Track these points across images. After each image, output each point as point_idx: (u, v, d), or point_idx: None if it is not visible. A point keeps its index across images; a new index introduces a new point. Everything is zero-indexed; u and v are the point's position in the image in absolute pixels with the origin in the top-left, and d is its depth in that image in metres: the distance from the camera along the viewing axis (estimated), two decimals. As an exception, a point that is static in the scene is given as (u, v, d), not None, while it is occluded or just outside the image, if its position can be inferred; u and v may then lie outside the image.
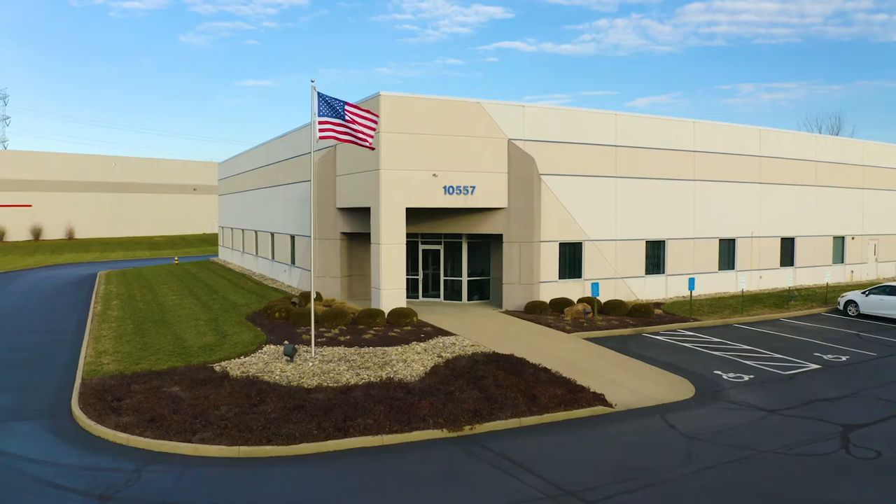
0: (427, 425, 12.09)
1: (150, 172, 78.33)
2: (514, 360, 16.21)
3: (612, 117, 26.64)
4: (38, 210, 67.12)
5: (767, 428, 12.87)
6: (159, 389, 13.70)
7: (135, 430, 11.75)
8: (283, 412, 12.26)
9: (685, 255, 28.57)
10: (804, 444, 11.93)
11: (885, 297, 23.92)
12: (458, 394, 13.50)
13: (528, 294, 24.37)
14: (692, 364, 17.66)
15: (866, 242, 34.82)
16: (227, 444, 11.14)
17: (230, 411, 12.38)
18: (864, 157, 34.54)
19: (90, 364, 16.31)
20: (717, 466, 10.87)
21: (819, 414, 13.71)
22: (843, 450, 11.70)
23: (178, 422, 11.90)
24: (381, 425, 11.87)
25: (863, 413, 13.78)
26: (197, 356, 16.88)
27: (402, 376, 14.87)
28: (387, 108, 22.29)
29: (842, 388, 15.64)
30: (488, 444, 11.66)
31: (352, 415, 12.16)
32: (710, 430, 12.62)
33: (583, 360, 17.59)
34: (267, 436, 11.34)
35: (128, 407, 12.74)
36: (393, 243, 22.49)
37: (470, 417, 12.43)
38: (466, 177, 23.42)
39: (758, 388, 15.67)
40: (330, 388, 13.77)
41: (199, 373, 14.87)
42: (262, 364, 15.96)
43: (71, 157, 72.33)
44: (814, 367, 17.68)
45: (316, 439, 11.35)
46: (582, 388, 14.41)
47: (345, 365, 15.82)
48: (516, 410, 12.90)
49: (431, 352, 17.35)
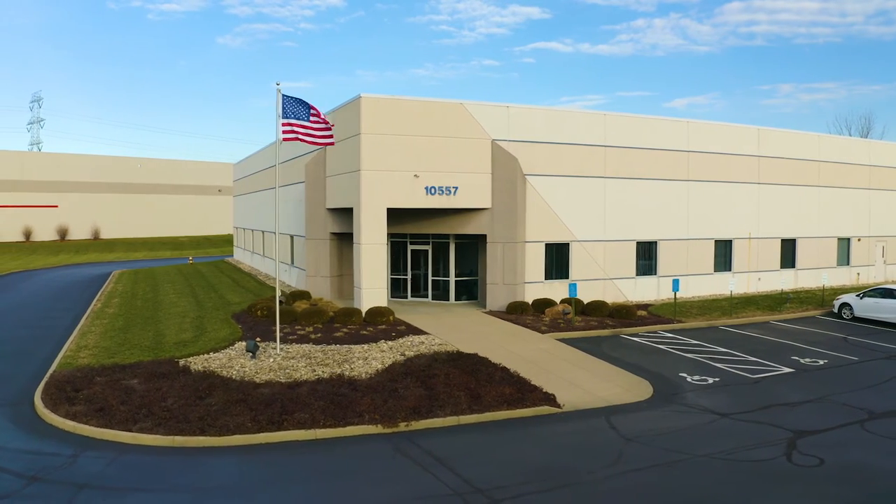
0: (363, 421, 12.28)
1: (176, 173, 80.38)
2: (475, 360, 16.27)
3: (601, 117, 26.44)
4: (65, 211, 69.57)
5: (713, 432, 12.66)
6: (118, 382, 14.20)
7: (83, 418, 12.24)
8: (225, 405, 12.60)
9: (678, 256, 28.15)
10: (745, 449, 11.69)
11: (880, 300, 23.19)
12: (402, 391, 13.66)
13: (511, 294, 24.36)
14: (660, 366, 17.45)
15: (874, 244, 33.72)
16: (163, 434, 11.53)
17: (175, 403, 12.77)
18: (872, 156, 33.48)
19: (67, 357, 16.95)
20: (643, 469, 10.77)
21: (773, 419, 13.41)
22: (784, 456, 11.41)
23: (123, 412, 12.35)
24: (315, 420, 12.11)
25: (821, 419, 13.43)
26: (169, 351, 17.39)
27: (356, 373, 15.09)
28: (368, 109, 22.58)
29: (808, 393, 15.27)
30: (419, 441, 11.79)
31: (290, 409, 12.43)
32: (651, 432, 12.49)
33: (548, 360, 17.55)
34: (202, 427, 11.68)
35: (83, 397, 13.25)
36: (373, 243, 22.76)
37: (407, 414, 12.57)
38: (449, 177, 23.54)
39: (719, 391, 15.42)
40: (279, 384, 14.07)
41: (162, 367, 15.33)
42: (226, 360, 16.37)
43: (96, 159, 74.74)
44: (786, 370, 17.29)
45: (249, 431, 11.65)
46: (534, 388, 14.41)
47: (304, 361, 16.12)
48: (457, 409, 12.99)
49: (396, 350, 17.53)
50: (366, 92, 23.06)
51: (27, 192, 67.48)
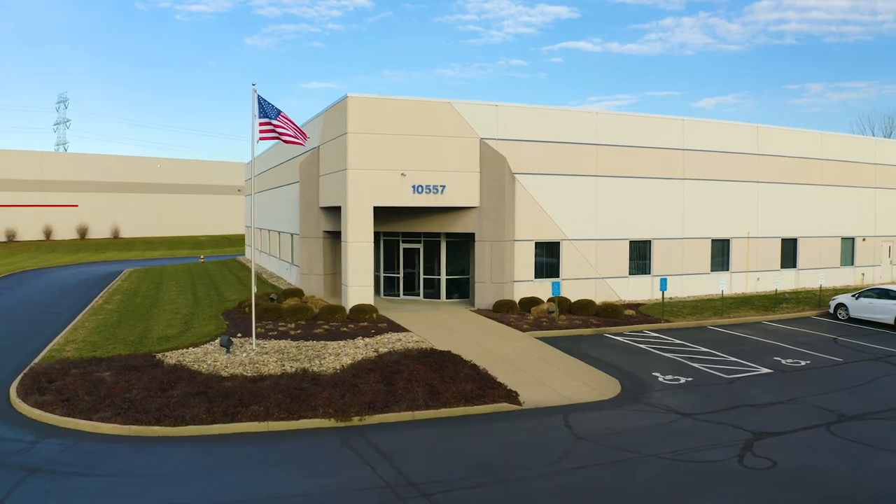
0: (317, 414, 12.47)
1: (196, 173, 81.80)
2: (446, 357, 16.34)
3: (593, 116, 26.29)
4: (85, 210, 71.33)
5: (669, 432, 12.54)
6: (91, 374, 14.61)
7: (49, 407, 12.66)
8: (185, 397, 12.90)
9: (673, 255, 27.84)
10: (697, 450, 11.54)
11: (874, 301, 22.67)
12: (362, 386, 13.81)
13: (499, 293, 24.38)
14: (635, 365, 17.33)
15: (879, 244, 32.88)
16: (121, 423, 11.87)
17: (139, 395, 13.12)
18: (878, 155, 32.64)
19: (52, 351, 17.48)
20: (584, 468, 10.72)
21: (736, 420, 13.21)
22: (736, 458, 11.21)
23: (87, 402, 12.73)
24: (270, 412, 12.33)
25: (786, 421, 13.19)
26: (150, 346, 17.80)
27: (323, 369, 15.29)
28: (354, 109, 22.81)
29: (780, 394, 15.03)
30: (369, 435, 11.93)
31: (247, 402, 12.68)
32: (605, 431, 12.42)
33: (522, 358, 17.55)
34: (158, 417, 12.00)
35: (55, 388, 13.67)
36: (360, 241, 22.98)
37: (361, 409, 12.72)
38: (437, 176, 23.65)
39: (689, 391, 15.26)
40: (243, 378, 14.34)
41: (137, 360, 15.73)
42: (201, 354, 16.72)
43: (116, 159, 76.46)
44: (765, 371, 17.03)
45: (203, 422, 11.92)
46: (497, 386, 14.44)
47: (276, 357, 16.38)
48: (413, 404, 13.10)
49: (371, 347, 17.70)
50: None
51: (48, 192, 69.37)
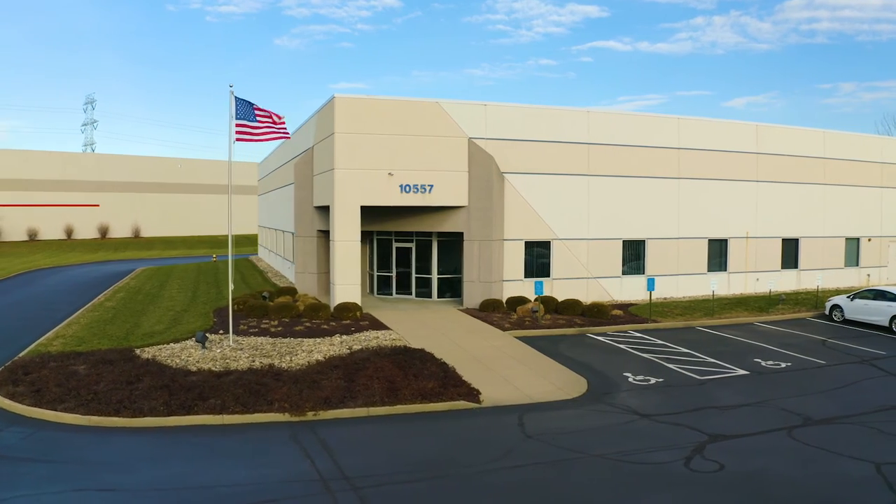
0: (272, 409, 12.71)
1: (216, 173, 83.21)
2: (417, 355, 16.44)
3: (584, 115, 26.15)
4: (106, 210, 73.18)
5: (623, 432, 12.45)
6: (66, 367, 15.08)
7: (19, 398, 13.14)
8: (148, 390, 13.26)
9: (668, 255, 27.52)
10: (644, 451, 11.42)
11: (869, 302, 22.11)
12: (323, 382, 14.02)
13: (487, 292, 24.41)
14: (608, 365, 17.22)
15: (886, 244, 32.00)
16: (82, 414, 12.28)
17: (105, 387, 13.52)
18: (885, 153, 31.78)
19: (39, 345, 18.05)
20: (524, 466, 10.73)
21: (696, 422, 13.04)
22: (683, 460, 11.05)
23: (55, 393, 13.18)
24: (226, 406, 12.61)
25: (748, 424, 12.96)
26: (133, 341, 18.28)
27: (291, 365, 15.54)
28: (342, 110, 23.08)
29: (749, 397, 14.80)
30: (320, 430, 12.12)
31: (206, 395, 12.98)
32: (556, 431, 12.37)
33: (495, 357, 17.59)
34: (117, 409, 12.37)
35: (28, 380, 14.15)
36: (347, 240, 23.24)
37: (317, 404, 12.92)
38: (424, 175, 23.79)
39: (655, 391, 15.13)
40: (210, 372, 14.66)
41: (113, 355, 16.16)
42: (179, 349, 17.12)
43: (138, 159, 78.27)
44: (741, 372, 16.79)
45: (160, 414, 12.27)
46: (460, 384, 14.50)
47: (249, 353, 16.69)
48: (369, 400, 13.25)
49: (345, 344, 17.90)
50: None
51: (69, 192, 71.30)
